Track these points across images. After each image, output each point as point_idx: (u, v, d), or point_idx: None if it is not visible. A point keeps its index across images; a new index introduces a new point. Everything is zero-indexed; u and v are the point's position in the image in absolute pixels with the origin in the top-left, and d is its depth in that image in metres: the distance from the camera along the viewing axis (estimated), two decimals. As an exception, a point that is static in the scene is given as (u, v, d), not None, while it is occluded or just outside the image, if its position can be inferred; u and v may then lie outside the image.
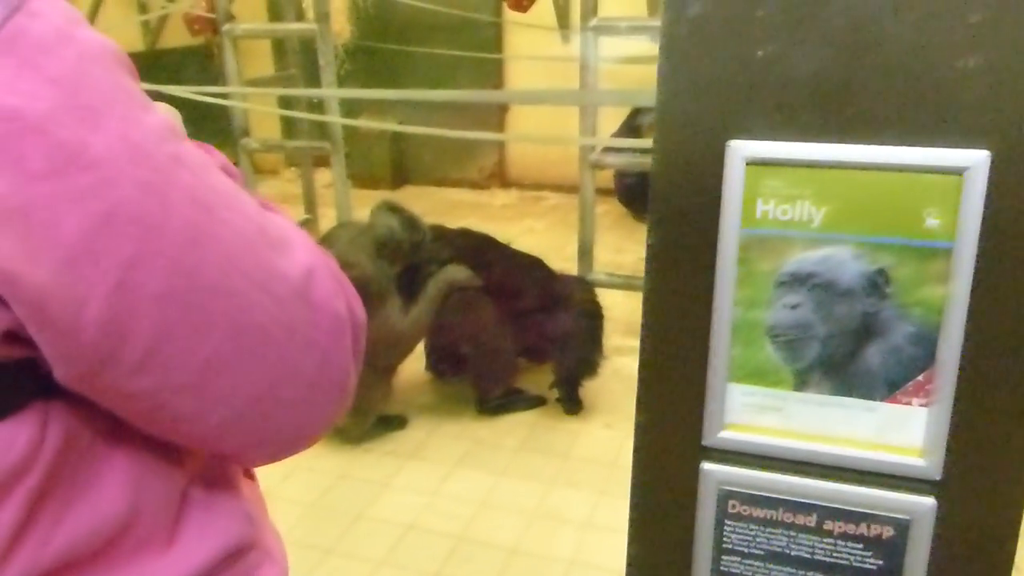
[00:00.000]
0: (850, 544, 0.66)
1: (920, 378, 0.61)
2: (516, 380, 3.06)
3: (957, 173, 0.56)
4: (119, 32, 5.66)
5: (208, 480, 0.60)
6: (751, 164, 0.60)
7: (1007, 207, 0.56)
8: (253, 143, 4.06)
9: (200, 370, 0.50)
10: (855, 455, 0.64)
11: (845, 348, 0.62)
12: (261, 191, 5.49)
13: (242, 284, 0.51)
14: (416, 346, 2.93)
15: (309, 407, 0.57)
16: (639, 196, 4.84)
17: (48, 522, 0.49)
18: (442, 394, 3.18)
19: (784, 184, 0.60)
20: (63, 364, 0.47)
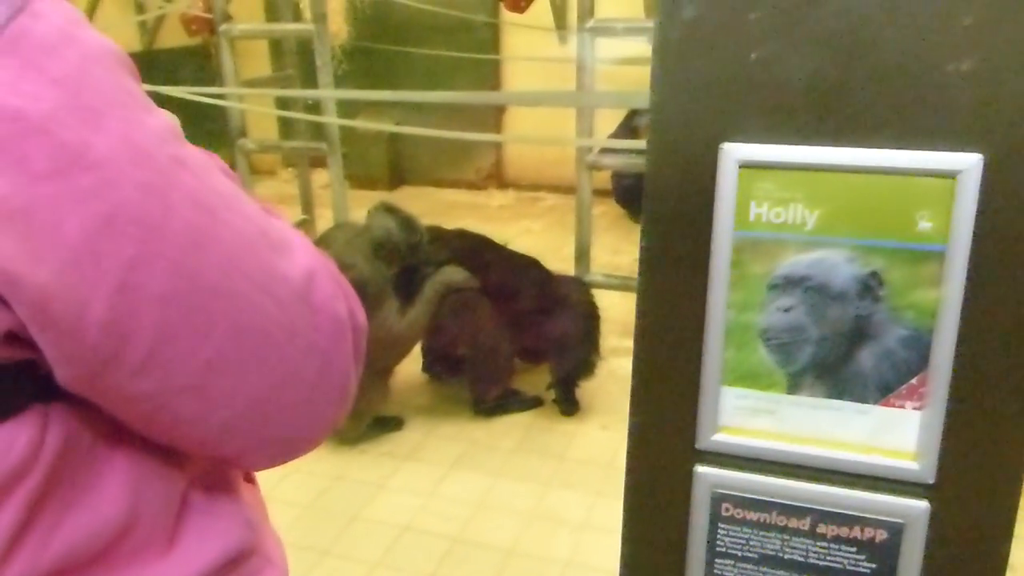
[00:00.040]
0: (844, 547, 0.66)
1: (913, 381, 0.61)
2: (513, 381, 3.06)
3: (950, 176, 0.56)
4: (116, 32, 5.65)
5: (208, 484, 0.60)
6: (744, 167, 0.60)
7: (1000, 210, 0.56)
8: (250, 144, 4.06)
9: (201, 372, 0.50)
10: (848, 458, 0.64)
11: (838, 351, 0.62)
12: (258, 192, 5.48)
13: (243, 286, 0.50)
14: (413, 348, 2.93)
15: (310, 410, 0.57)
16: (636, 197, 4.83)
17: (47, 525, 0.49)
18: (439, 395, 3.18)
19: (777, 187, 0.60)
20: (65, 365, 0.47)
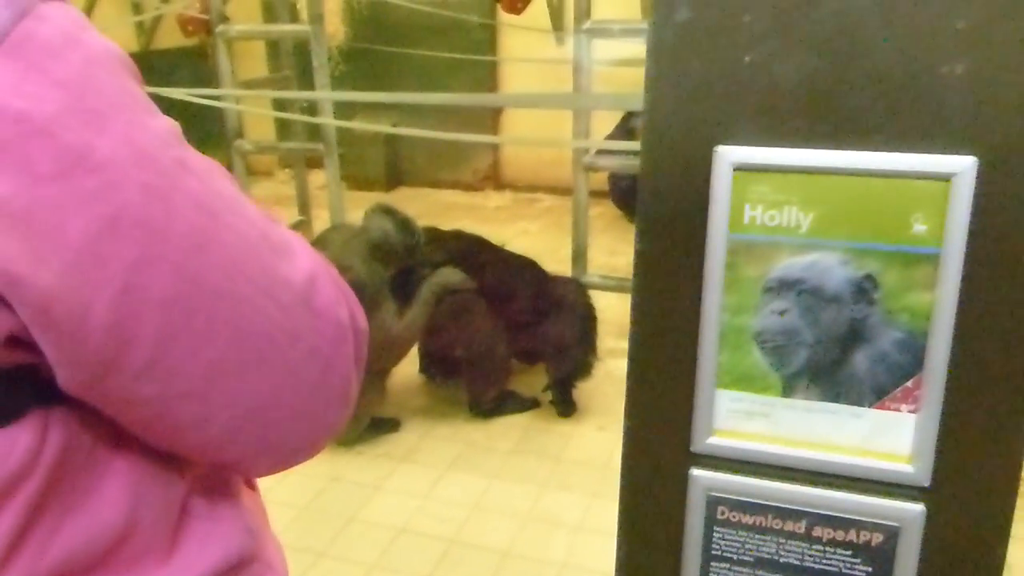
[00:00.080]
0: (839, 551, 0.66)
1: (908, 384, 0.61)
2: (510, 382, 3.06)
3: (944, 179, 0.56)
4: (113, 33, 5.62)
5: (209, 490, 0.60)
6: (738, 170, 0.59)
7: (994, 213, 0.56)
8: (247, 145, 4.06)
9: (203, 376, 0.50)
10: (843, 461, 0.64)
11: (833, 354, 0.62)
12: (255, 193, 5.48)
13: (246, 289, 0.50)
14: (410, 349, 2.93)
15: (311, 416, 0.57)
16: (634, 198, 4.82)
17: (46, 530, 0.49)
18: (435, 397, 3.18)
19: (771, 190, 0.59)
20: (67, 369, 0.46)
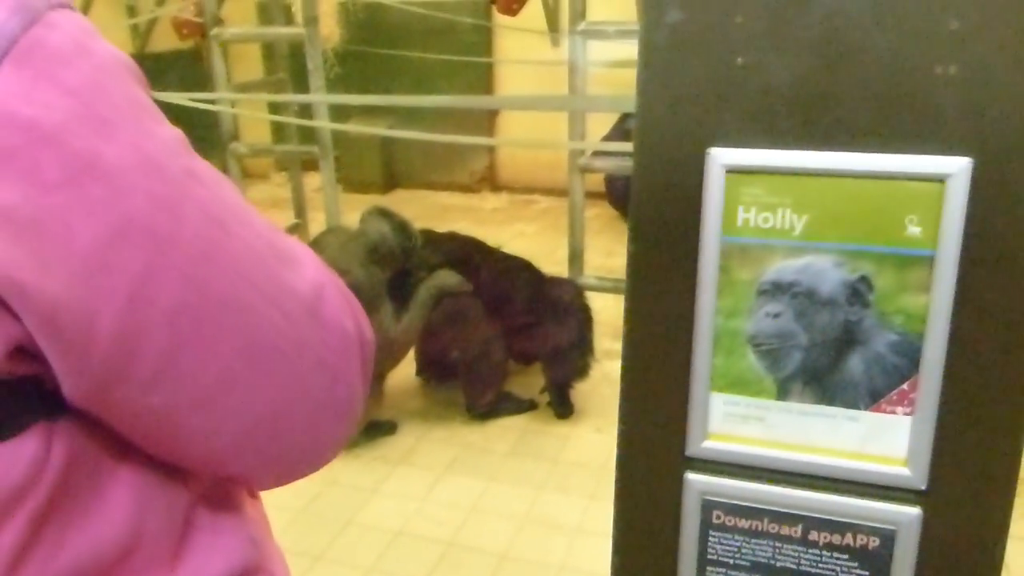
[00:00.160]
0: (836, 554, 0.65)
1: (904, 387, 0.61)
2: (507, 384, 3.06)
3: (939, 180, 0.55)
4: (108, 36, 5.53)
5: (212, 501, 0.59)
6: (731, 172, 0.59)
7: (989, 214, 0.56)
8: (242, 148, 4.05)
9: (209, 387, 0.49)
10: (839, 465, 0.63)
11: (827, 357, 0.61)
12: (250, 196, 5.47)
13: (253, 299, 0.50)
14: (408, 352, 2.92)
15: (317, 428, 0.56)
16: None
17: (51, 544, 0.48)
18: (432, 399, 3.17)
19: (765, 192, 0.59)
20: (72, 379, 0.46)
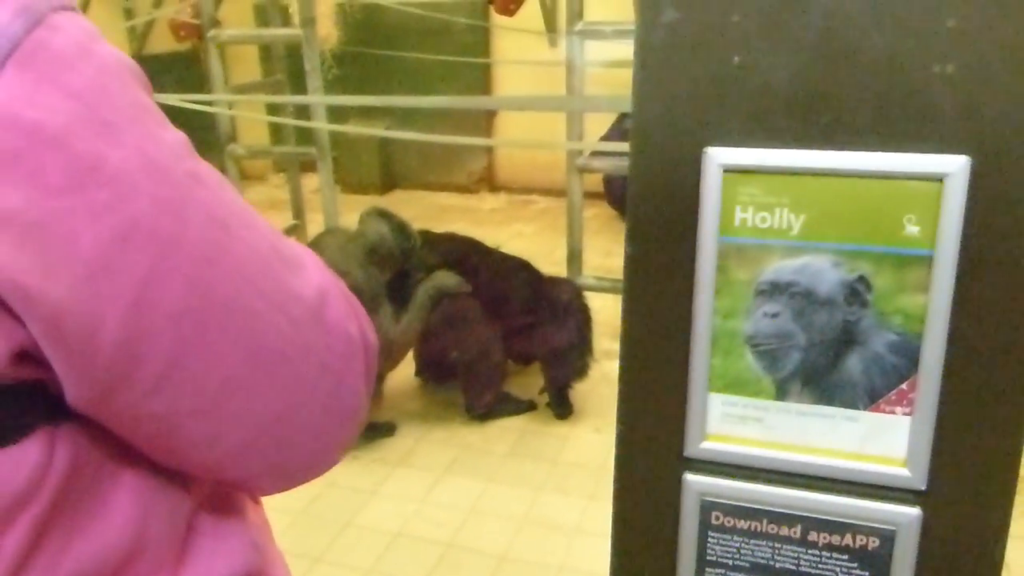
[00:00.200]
0: (835, 555, 0.65)
1: (903, 387, 0.60)
2: (506, 384, 3.05)
3: (937, 179, 0.55)
4: (105, 38, 5.63)
5: (215, 507, 0.59)
6: (728, 171, 0.59)
7: (988, 213, 0.55)
8: (240, 149, 4.05)
9: (214, 392, 0.49)
10: (838, 465, 0.63)
11: (826, 357, 0.61)
12: (248, 197, 5.46)
13: (257, 303, 0.50)
14: (407, 353, 2.92)
15: (321, 432, 0.56)
16: (628, 199, 4.83)
17: (53, 551, 0.48)
18: (431, 400, 3.17)
19: (762, 192, 0.59)
20: (76, 384, 0.46)
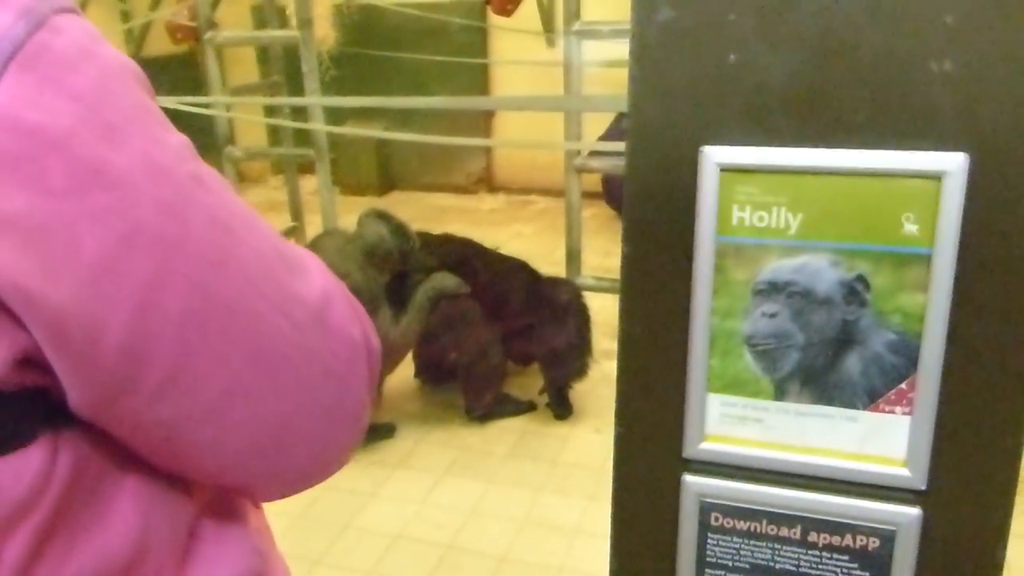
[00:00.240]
0: (835, 556, 0.65)
1: (902, 386, 0.60)
2: (505, 385, 3.05)
3: (935, 177, 0.55)
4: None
5: (217, 512, 0.59)
6: (725, 170, 0.58)
7: (987, 210, 0.55)
8: (237, 151, 4.05)
9: (218, 397, 0.49)
10: (838, 465, 0.63)
11: (825, 357, 0.61)
12: (247, 199, 5.45)
13: (261, 306, 0.50)
14: (407, 355, 2.91)
15: (325, 437, 0.56)
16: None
17: (55, 558, 0.47)
18: (431, 401, 3.17)
19: (759, 190, 0.58)
20: (80, 390, 0.45)
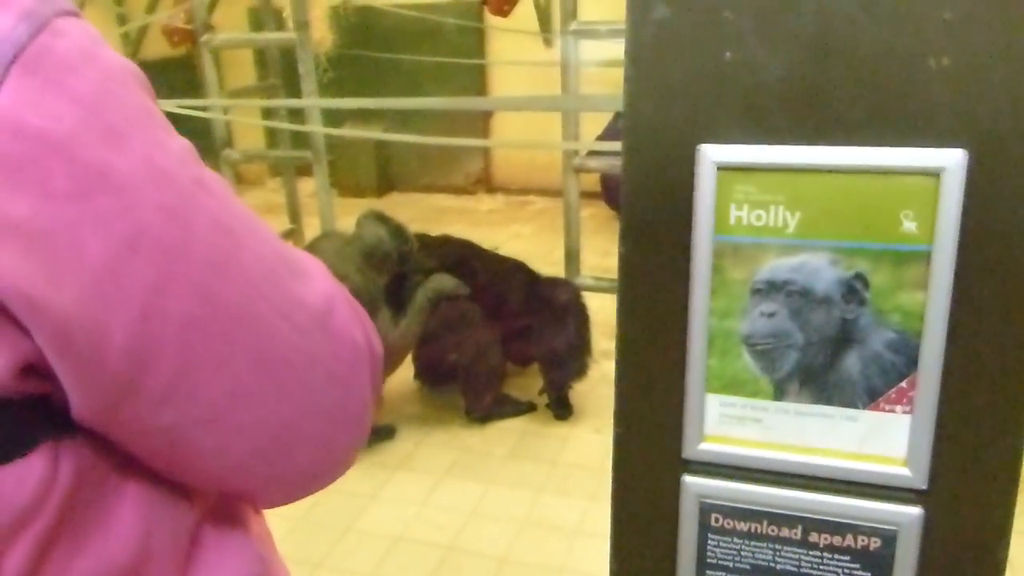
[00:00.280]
0: (836, 556, 0.64)
1: (903, 385, 0.59)
2: (505, 386, 3.05)
3: (933, 174, 0.54)
4: (99, 45, 5.62)
5: (219, 519, 0.58)
6: (722, 169, 0.58)
7: (986, 207, 0.55)
8: (235, 154, 4.04)
9: (221, 403, 0.49)
10: (838, 465, 0.62)
11: (824, 356, 0.60)
12: (245, 202, 5.45)
13: (264, 311, 0.49)
14: (407, 357, 2.91)
15: (328, 441, 0.56)
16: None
17: (57, 566, 0.47)
18: (430, 403, 3.17)
19: (757, 189, 0.58)
20: (83, 396, 0.45)
